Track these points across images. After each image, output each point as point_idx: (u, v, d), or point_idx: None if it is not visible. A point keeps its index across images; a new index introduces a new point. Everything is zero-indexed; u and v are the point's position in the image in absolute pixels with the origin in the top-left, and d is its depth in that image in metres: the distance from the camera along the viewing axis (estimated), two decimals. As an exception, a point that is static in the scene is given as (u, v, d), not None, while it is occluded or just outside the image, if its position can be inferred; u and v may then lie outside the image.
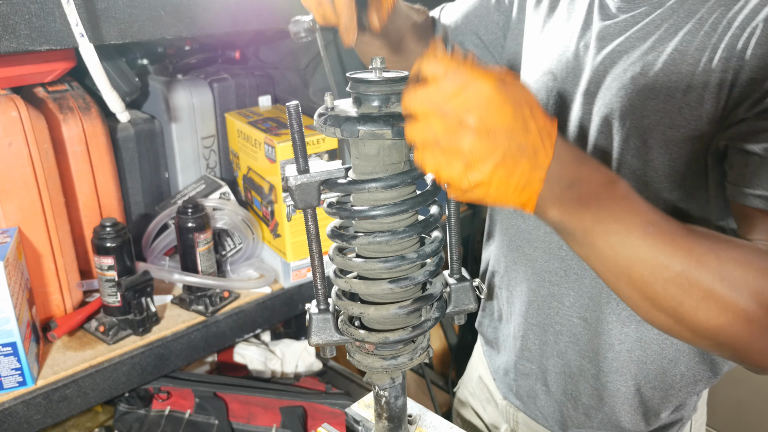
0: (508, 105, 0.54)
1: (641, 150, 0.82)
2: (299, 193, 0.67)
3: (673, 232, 0.63)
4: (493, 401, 1.20)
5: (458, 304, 0.75)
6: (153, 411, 1.33)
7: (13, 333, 1.03)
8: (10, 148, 1.09)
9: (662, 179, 0.82)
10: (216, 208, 1.38)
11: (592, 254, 0.64)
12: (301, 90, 1.55)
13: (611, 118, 0.84)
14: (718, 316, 0.63)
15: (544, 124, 0.58)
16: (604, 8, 0.90)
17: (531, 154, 0.57)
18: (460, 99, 0.54)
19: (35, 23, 0.96)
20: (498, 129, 0.54)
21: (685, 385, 0.96)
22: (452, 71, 0.54)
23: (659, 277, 0.62)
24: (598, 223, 0.61)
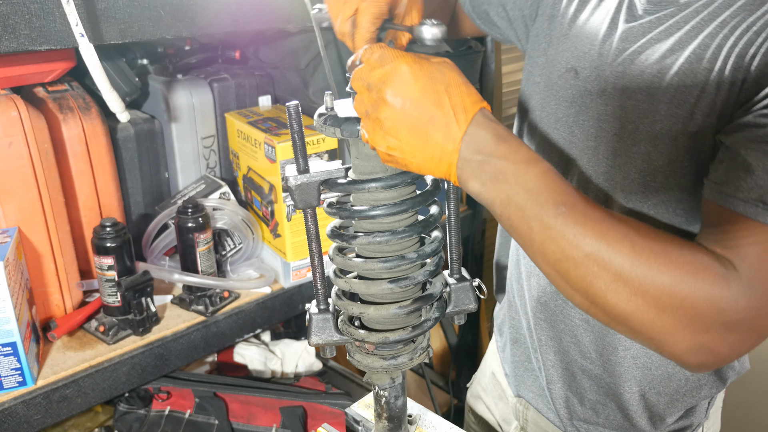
0: (420, 80, 0.62)
1: (653, 155, 0.82)
2: (299, 193, 0.67)
3: (587, 214, 0.65)
4: (504, 398, 1.20)
5: (458, 304, 0.75)
6: (153, 411, 1.33)
7: (13, 333, 1.03)
8: (10, 148, 1.09)
9: (672, 188, 0.82)
10: (216, 208, 1.38)
11: (511, 228, 0.67)
12: (301, 90, 1.55)
13: (625, 120, 0.85)
14: (627, 301, 0.65)
15: (460, 101, 0.63)
16: (631, 9, 0.89)
17: (443, 125, 0.63)
18: (378, 73, 0.63)
19: (35, 23, 0.96)
20: (409, 98, 0.62)
21: (690, 390, 0.95)
22: (377, 52, 0.64)
23: (569, 256, 0.65)
24: (514, 197, 0.64)
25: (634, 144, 0.84)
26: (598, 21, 0.93)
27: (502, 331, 1.19)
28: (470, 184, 0.65)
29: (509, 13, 1.07)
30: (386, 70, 0.63)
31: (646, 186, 0.84)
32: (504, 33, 1.11)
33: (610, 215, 0.66)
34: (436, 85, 0.63)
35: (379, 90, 0.63)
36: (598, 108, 0.89)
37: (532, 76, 1.03)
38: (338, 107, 0.68)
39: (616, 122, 0.86)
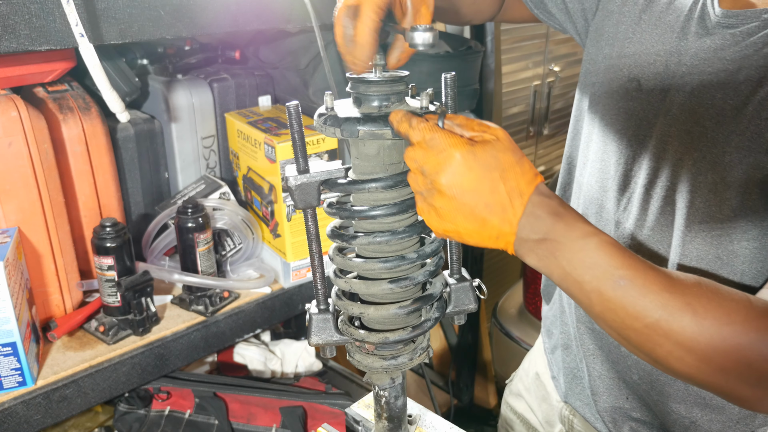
0: (475, 170, 0.63)
1: (719, 186, 0.78)
2: (299, 193, 0.67)
3: (646, 286, 0.64)
4: (548, 400, 1.17)
5: (458, 304, 0.75)
6: (153, 411, 1.33)
7: (13, 333, 1.03)
8: (10, 148, 1.09)
9: (738, 219, 0.78)
10: (216, 208, 1.38)
11: (570, 296, 0.68)
12: (301, 90, 1.55)
13: (691, 147, 0.80)
14: (691, 366, 0.65)
15: (516, 185, 0.64)
16: (703, 20, 0.83)
17: (499, 211, 0.64)
18: (433, 162, 0.63)
19: (35, 23, 0.96)
20: (464, 190, 0.63)
21: (744, 418, 0.91)
22: (430, 136, 0.63)
23: (630, 326, 0.65)
24: (572, 272, 0.65)
25: (700, 173, 0.79)
26: (666, 27, 0.87)
27: (551, 333, 1.16)
28: (527, 258, 0.67)
29: (568, 6, 1.03)
30: (440, 159, 0.63)
31: (711, 216, 0.79)
32: (562, 25, 1.07)
33: (671, 282, 0.65)
34: (491, 172, 0.63)
35: (433, 179, 0.63)
36: (661, 128, 0.84)
37: (590, 75, 0.98)
38: (338, 107, 0.68)
39: (680, 147, 0.81)
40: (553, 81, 2.46)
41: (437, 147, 0.63)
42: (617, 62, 0.92)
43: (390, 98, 0.66)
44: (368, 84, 0.66)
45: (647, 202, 0.87)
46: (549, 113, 2.50)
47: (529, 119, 2.42)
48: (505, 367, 2.18)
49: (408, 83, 0.68)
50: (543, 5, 1.06)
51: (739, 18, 0.79)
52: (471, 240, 0.66)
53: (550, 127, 2.52)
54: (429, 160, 0.63)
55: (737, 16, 0.79)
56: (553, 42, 2.46)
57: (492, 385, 2.41)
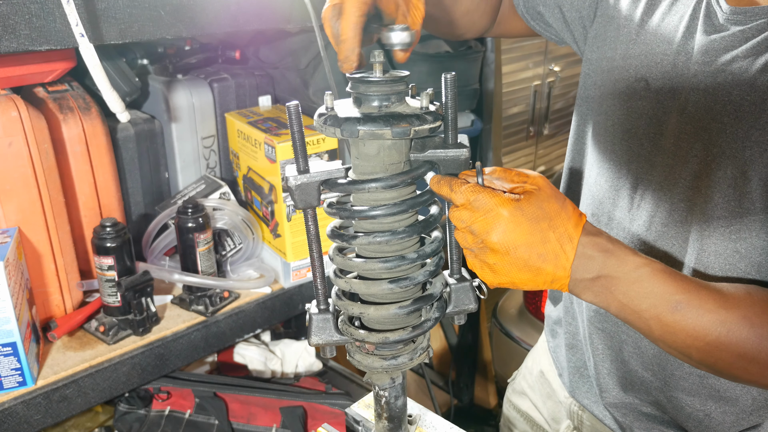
0: (523, 224, 0.65)
1: (739, 181, 0.78)
2: (299, 193, 0.67)
3: (702, 306, 0.67)
4: (553, 397, 1.17)
5: (458, 304, 0.75)
6: (153, 411, 1.33)
7: (13, 333, 1.03)
8: (10, 148, 1.09)
9: (758, 212, 0.78)
10: (216, 208, 1.38)
11: (630, 325, 0.71)
12: (301, 90, 1.55)
13: (708, 142, 0.80)
14: (753, 374, 0.69)
15: (564, 231, 0.67)
16: (710, 17, 0.83)
17: (552, 258, 0.67)
18: (481, 222, 0.65)
19: (35, 23, 0.96)
20: (516, 245, 0.65)
21: (757, 409, 0.91)
22: (474, 197, 0.65)
23: (691, 345, 0.69)
24: (628, 304, 0.69)
25: (720, 168, 0.79)
26: (671, 27, 0.87)
27: (555, 332, 1.16)
28: (583, 296, 0.70)
29: (566, 15, 1.03)
30: (488, 218, 0.65)
31: (731, 212, 0.79)
32: (560, 35, 1.08)
33: (724, 298, 0.68)
34: (540, 223, 0.66)
35: (484, 238, 0.66)
36: (677, 126, 0.84)
37: (590, 78, 0.99)
38: (338, 107, 0.68)
39: (698, 143, 0.81)
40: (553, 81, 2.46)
41: (483, 207, 0.65)
42: (622, 64, 0.92)
43: (390, 98, 0.66)
44: (368, 84, 0.66)
45: (662, 199, 0.87)
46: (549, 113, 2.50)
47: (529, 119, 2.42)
48: (505, 367, 2.18)
49: (408, 83, 0.68)
50: (540, 16, 1.07)
51: (748, 15, 0.79)
52: (526, 287, 0.69)
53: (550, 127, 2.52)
54: (477, 220, 0.65)
55: (745, 12, 0.79)
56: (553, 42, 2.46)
57: (492, 385, 2.41)
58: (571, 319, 1.09)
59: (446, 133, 0.69)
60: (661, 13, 0.90)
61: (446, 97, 0.67)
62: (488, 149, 1.95)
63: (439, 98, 0.69)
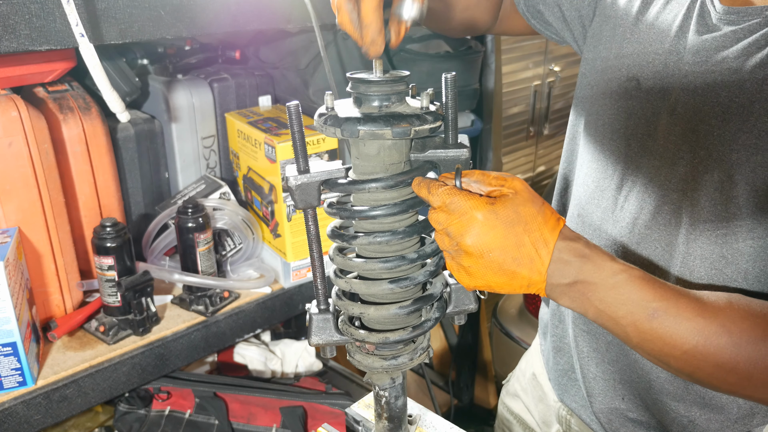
0: (497, 228, 0.64)
1: (726, 184, 0.77)
2: (299, 193, 0.67)
3: (680, 314, 0.66)
4: (545, 400, 1.17)
5: (458, 305, 0.75)
6: (153, 411, 1.33)
7: (13, 333, 1.03)
8: (10, 148, 1.09)
9: (744, 217, 0.77)
10: (216, 208, 1.38)
11: (608, 330, 0.70)
12: (301, 90, 1.55)
13: (695, 144, 0.80)
14: (732, 384, 0.67)
15: (540, 235, 0.66)
16: (703, 16, 0.82)
17: (527, 263, 0.66)
18: (456, 224, 0.65)
19: (35, 23, 0.96)
20: (490, 248, 0.65)
21: (743, 417, 0.91)
22: (449, 199, 0.65)
23: (668, 353, 0.67)
24: (605, 310, 0.67)
25: (707, 171, 0.79)
26: (664, 26, 0.87)
27: (546, 335, 1.15)
28: (560, 301, 0.69)
29: (565, 14, 1.03)
30: (463, 221, 0.64)
31: (716, 214, 0.79)
32: (560, 33, 1.07)
33: (703, 306, 0.67)
34: (514, 227, 0.65)
35: (459, 240, 0.65)
36: (666, 127, 0.83)
37: (585, 78, 0.98)
38: (338, 107, 0.68)
39: (685, 145, 0.81)
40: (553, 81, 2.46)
41: (458, 210, 0.65)
42: (615, 63, 0.92)
43: (390, 98, 0.66)
44: (368, 84, 0.66)
45: (647, 201, 0.86)
46: (549, 113, 2.50)
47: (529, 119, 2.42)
48: (505, 367, 2.17)
49: (408, 83, 0.68)
50: (540, 15, 1.07)
51: (740, 15, 0.78)
52: (503, 291, 0.68)
53: (550, 127, 2.52)
54: (452, 223, 0.65)
55: (738, 12, 0.79)
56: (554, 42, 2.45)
57: (492, 385, 2.41)
58: (558, 322, 1.09)
59: (446, 133, 0.69)
60: (656, 11, 0.89)
61: (446, 97, 0.67)
62: (488, 149, 1.95)
63: (439, 98, 0.69)
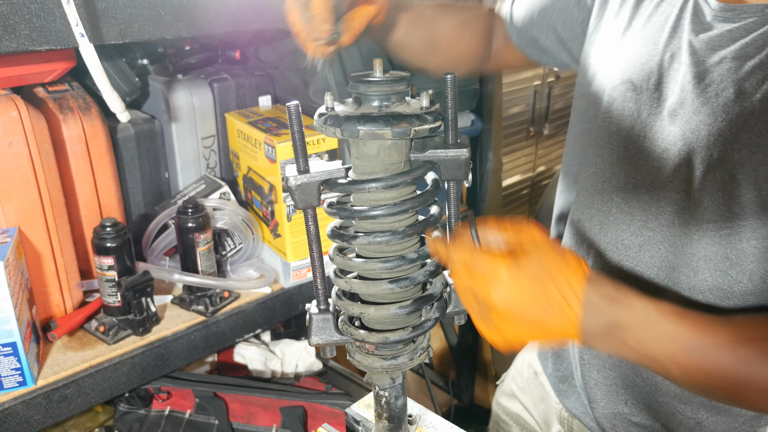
0: (523, 282, 0.63)
1: (728, 184, 0.77)
2: (299, 193, 0.67)
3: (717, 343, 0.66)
4: (546, 399, 1.15)
5: (458, 305, 0.75)
6: (153, 411, 1.33)
7: (13, 333, 1.03)
8: (10, 148, 1.09)
9: (747, 217, 0.77)
10: (216, 208, 1.38)
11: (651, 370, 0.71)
12: (301, 90, 1.55)
13: (696, 145, 0.79)
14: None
15: (567, 283, 0.65)
16: (698, 15, 0.82)
17: (558, 313, 0.65)
18: (482, 285, 0.65)
19: (35, 23, 0.96)
20: (520, 305, 0.64)
21: (750, 419, 0.91)
22: (471, 261, 0.65)
23: (712, 385, 0.67)
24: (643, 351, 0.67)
25: (709, 171, 0.78)
26: (656, 28, 0.86)
27: None
28: (598, 347, 0.69)
29: (561, 35, 1.03)
30: (487, 280, 0.64)
31: (720, 215, 0.79)
32: (557, 57, 1.07)
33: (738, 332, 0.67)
34: (540, 279, 0.64)
35: (486, 299, 0.65)
36: (664, 128, 0.83)
37: (581, 85, 0.99)
38: (338, 107, 0.68)
39: (685, 146, 0.80)
40: (553, 81, 2.45)
41: (482, 270, 0.64)
42: (607, 67, 0.92)
43: (390, 98, 0.66)
44: (368, 84, 0.66)
45: (650, 203, 0.86)
46: (549, 113, 2.49)
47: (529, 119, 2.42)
48: (506, 367, 2.17)
49: (409, 83, 0.68)
50: (535, 42, 1.07)
51: (737, 12, 0.78)
52: (536, 344, 0.68)
53: (551, 127, 2.52)
54: (477, 284, 0.65)
55: (734, 10, 0.78)
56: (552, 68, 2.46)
57: (492, 385, 2.41)
58: None
59: (446, 133, 0.69)
60: (647, 15, 0.89)
61: (446, 97, 0.67)
62: (488, 149, 1.95)
63: (439, 98, 0.69)
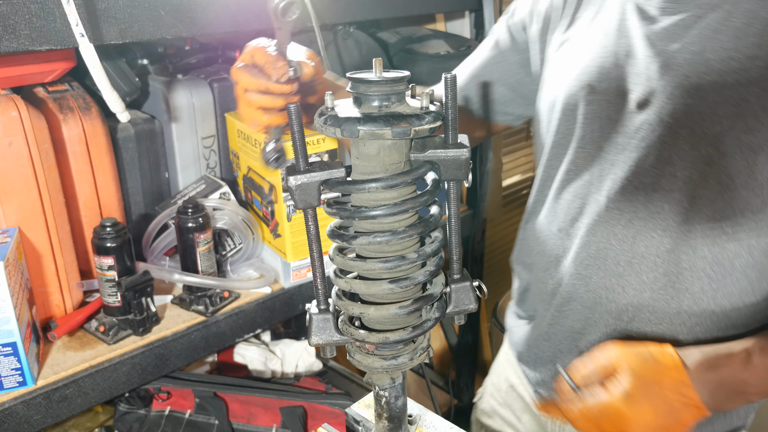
0: (645, 406, 0.71)
1: (714, 157, 0.79)
2: (299, 193, 0.67)
3: None
4: (529, 410, 1.15)
5: (458, 305, 0.75)
6: (153, 411, 1.33)
7: (13, 333, 1.03)
8: (10, 148, 1.09)
9: (738, 188, 0.79)
10: (216, 208, 1.38)
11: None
12: (301, 90, 1.54)
13: (677, 126, 0.82)
14: None
15: (674, 382, 0.74)
16: (642, 12, 0.86)
17: (683, 409, 0.73)
18: (611, 427, 0.72)
19: (35, 23, 0.96)
20: (649, 422, 0.71)
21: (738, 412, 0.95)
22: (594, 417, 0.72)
23: None
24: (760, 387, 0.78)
25: (693, 148, 0.81)
26: (600, 35, 0.90)
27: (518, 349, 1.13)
28: (728, 408, 0.81)
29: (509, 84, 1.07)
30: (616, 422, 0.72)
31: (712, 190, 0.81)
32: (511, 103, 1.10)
33: None
34: (655, 395, 0.73)
35: None
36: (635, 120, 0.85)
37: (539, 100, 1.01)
38: (338, 107, 0.68)
39: (666, 130, 0.83)
40: (553, 81, 2.47)
41: (607, 418, 0.72)
42: (561, 78, 0.95)
43: (390, 98, 0.66)
44: (368, 84, 0.66)
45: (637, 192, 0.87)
46: (549, 113, 2.51)
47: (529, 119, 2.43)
48: (506, 367, 2.17)
49: (408, 83, 0.68)
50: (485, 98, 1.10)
51: (683, 3, 0.82)
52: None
53: (550, 127, 2.53)
54: (607, 427, 0.72)
55: (677, 2, 0.83)
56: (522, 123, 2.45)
57: (492, 385, 2.41)
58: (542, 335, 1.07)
59: (446, 133, 0.69)
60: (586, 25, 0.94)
61: (446, 97, 0.67)
62: (488, 149, 1.95)
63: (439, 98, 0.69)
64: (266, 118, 0.87)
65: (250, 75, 0.83)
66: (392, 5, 1.46)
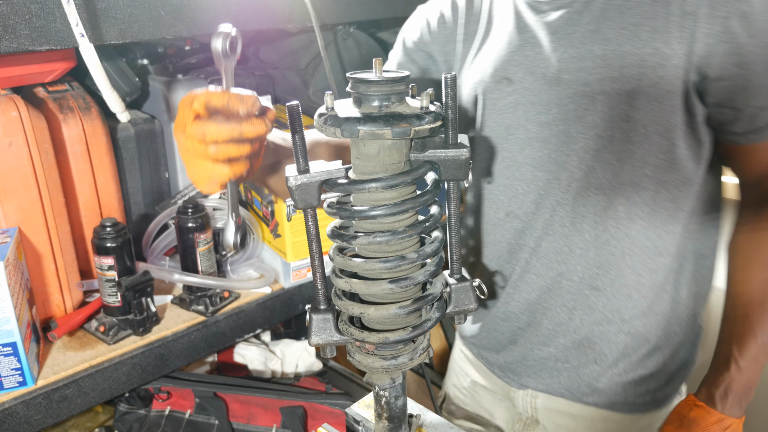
0: None
1: (630, 113, 0.89)
2: (299, 193, 0.67)
3: None
4: (502, 400, 1.17)
5: (458, 305, 0.75)
6: (153, 411, 1.33)
7: (14, 333, 1.03)
8: (10, 148, 1.09)
9: (651, 136, 0.89)
10: (216, 208, 1.38)
11: None
12: (301, 90, 1.55)
13: (594, 93, 0.90)
14: None
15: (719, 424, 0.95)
16: (534, 7, 0.95)
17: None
18: None
19: (35, 23, 0.96)
20: None
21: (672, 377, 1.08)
22: None
23: None
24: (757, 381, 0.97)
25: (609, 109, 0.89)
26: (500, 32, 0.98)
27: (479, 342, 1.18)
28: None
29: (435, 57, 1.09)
30: None
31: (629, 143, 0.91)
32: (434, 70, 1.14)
33: None
34: None
35: None
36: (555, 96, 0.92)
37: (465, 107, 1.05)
38: (338, 107, 0.68)
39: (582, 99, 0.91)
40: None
41: None
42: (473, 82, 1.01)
43: (390, 98, 0.66)
44: (368, 84, 0.66)
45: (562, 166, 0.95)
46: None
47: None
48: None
49: (409, 83, 0.68)
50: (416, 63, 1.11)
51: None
52: None
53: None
54: None
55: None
56: None
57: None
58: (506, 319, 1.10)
59: (446, 133, 0.69)
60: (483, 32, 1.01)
61: (446, 97, 0.67)
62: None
63: (439, 98, 0.69)
64: (229, 170, 0.77)
65: (216, 124, 0.75)
66: (392, 5, 1.47)
